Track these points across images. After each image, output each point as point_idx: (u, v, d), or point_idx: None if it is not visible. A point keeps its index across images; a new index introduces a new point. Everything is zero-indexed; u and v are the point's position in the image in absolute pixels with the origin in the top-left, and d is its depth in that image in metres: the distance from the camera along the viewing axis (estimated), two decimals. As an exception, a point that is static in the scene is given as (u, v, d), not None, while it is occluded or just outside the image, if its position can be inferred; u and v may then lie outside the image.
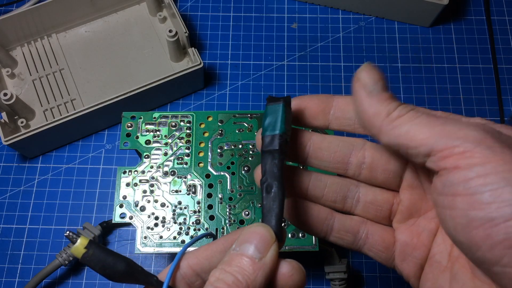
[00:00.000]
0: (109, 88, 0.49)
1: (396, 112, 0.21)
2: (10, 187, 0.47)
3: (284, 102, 0.24)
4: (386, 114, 0.21)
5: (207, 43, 0.53)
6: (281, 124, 0.23)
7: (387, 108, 0.21)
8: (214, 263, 0.23)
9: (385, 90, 0.21)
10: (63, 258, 0.41)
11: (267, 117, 0.24)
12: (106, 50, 0.52)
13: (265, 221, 0.22)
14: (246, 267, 0.19)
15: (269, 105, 0.24)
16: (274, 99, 0.24)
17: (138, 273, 0.22)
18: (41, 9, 0.49)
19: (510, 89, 0.51)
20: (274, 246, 0.21)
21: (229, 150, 0.39)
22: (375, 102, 0.21)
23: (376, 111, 0.21)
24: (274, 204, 0.22)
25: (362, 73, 0.22)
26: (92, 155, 0.48)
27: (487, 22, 0.54)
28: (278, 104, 0.23)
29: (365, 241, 0.26)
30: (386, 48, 0.53)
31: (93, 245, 0.20)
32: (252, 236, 0.20)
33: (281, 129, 0.23)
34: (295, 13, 0.54)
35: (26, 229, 0.45)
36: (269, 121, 0.23)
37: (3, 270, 0.44)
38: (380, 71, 0.22)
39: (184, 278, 0.23)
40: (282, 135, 0.23)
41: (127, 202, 0.37)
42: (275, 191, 0.22)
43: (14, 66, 0.50)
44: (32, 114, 0.48)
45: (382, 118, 0.21)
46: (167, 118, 0.39)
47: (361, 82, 0.22)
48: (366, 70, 0.22)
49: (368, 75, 0.22)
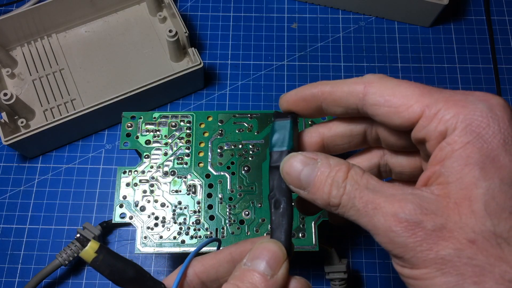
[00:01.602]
0: (109, 88, 0.49)
1: (333, 201, 0.21)
2: (10, 187, 0.47)
3: (292, 118, 0.24)
4: (328, 204, 0.21)
5: (207, 43, 0.53)
6: (289, 140, 0.24)
7: (326, 199, 0.21)
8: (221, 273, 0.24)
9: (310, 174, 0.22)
10: (63, 258, 0.41)
11: (275, 133, 0.24)
12: (106, 50, 0.52)
13: (274, 237, 0.22)
14: (258, 284, 0.20)
15: (277, 121, 0.24)
16: (281, 115, 0.25)
17: (146, 280, 0.22)
18: (41, 9, 0.49)
19: (510, 89, 0.51)
20: (286, 264, 0.21)
21: (229, 150, 0.39)
22: (315, 196, 0.22)
23: (322, 203, 0.22)
24: (283, 220, 0.23)
25: (286, 177, 0.23)
26: (92, 155, 0.48)
27: (487, 22, 0.54)
28: (286, 121, 0.24)
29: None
30: (386, 48, 0.53)
31: (103, 249, 0.20)
32: (264, 253, 0.21)
33: (289, 145, 0.23)
34: (295, 13, 0.54)
35: (26, 229, 0.45)
36: (277, 137, 0.24)
37: (3, 270, 0.44)
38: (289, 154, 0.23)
39: (190, 286, 0.23)
40: (290, 151, 0.23)
41: (127, 202, 0.37)
42: (284, 207, 0.23)
43: (14, 66, 0.50)
44: (32, 114, 0.48)
45: (330, 207, 0.21)
46: (167, 118, 0.39)
47: (291, 184, 0.23)
48: (285, 172, 0.23)
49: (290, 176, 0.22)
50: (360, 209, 0.20)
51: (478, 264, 0.18)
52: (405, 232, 0.19)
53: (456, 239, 0.18)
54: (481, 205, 0.18)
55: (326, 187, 0.21)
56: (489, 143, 0.19)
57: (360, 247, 0.44)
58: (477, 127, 0.19)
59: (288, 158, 0.23)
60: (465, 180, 0.19)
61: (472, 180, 0.19)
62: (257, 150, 0.39)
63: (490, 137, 0.19)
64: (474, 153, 0.19)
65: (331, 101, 0.24)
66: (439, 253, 0.18)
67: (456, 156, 0.19)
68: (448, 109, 0.20)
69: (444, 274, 0.18)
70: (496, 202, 0.18)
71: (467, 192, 0.19)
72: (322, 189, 0.21)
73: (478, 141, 0.19)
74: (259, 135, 0.39)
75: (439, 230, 0.18)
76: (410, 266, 0.19)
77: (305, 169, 0.22)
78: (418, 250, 0.19)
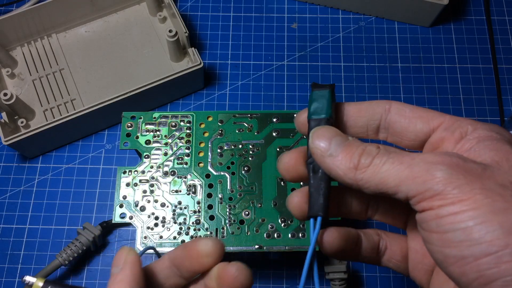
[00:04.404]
0: (109, 88, 0.49)
1: (362, 162, 0.21)
2: (10, 187, 0.47)
3: (330, 88, 0.24)
4: (354, 168, 0.21)
5: (207, 43, 0.53)
6: (328, 108, 0.24)
7: (353, 162, 0.21)
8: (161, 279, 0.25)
9: (341, 142, 0.22)
10: (63, 258, 0.41)
11: (314, 101, 0.24)
12: (106, 50, 0.52)
13: (312, 199, 0.23)
14: (113, 281, 0.23)
15: (315, 91, 0.25)
16: (320, 86, 0.25)
17: None
18: (41, 9, 0.49)
19: (510, 89, 0.51)
20: (130, 255, 0.23)
21: (229, 150, 0.39)
22: (339, 162, 0.21)
23: (344, 170, 0.21)
24: (322, 183, 0.23)
25: (314, 142, 0.22)
26: (92, 155, 0.48)
27: (487, 22, 0.54)
28: (325, 90, 0.24)
29: (384, 252, 0.27)
30: (386, 48, 0.53)
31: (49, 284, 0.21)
32: (114, 261, 0.23)
33: (327, 113, 0.24)
34: (295, 13, 0.54)
35: (26, 229, 0.45)
36: (317, 106, 0.24)
37: (3, 270, 0.44)
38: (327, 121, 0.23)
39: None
40: (329, 119, 0.24)
41: (127, 202, 0.37)
42: (322, 171, 0.23)
43: (14, 66, 0.50)
44: (32, 114, 0.48)
45: (353, 173, 0.21)
46: (167, 118, 0.39)
47: (318, 150, 0.22)
48: (316, 136, 0.23)
49: (319, 140, 0.22)
50: (395, 161, 0.20)
51: None
52: (449, 167, 0.19)
53: (499, 178, 0.19)
54: None
55: (357, 151, 0.21)
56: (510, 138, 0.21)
57: (360, 247, 0.44)
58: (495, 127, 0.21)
59: (323, 126, 0.23)
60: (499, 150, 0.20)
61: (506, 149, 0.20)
62: (257, 150, 0.39)
63: (508, 136, 0.21)
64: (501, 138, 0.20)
65: (357, 111, 0.24)
66: (484, 184, 0.18)
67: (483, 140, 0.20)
68: (467, 119, 0.22)
69: (490, 203, 0.18)
70: None
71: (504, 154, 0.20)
72: (352, 153, 0.21)
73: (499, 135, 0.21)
74: (259, 135, 0.39)
75: (482, 170, 0.19)
76: (451, 201, 0.18)
77: (338, 137, 0.22)
78: (463, 182, 0.18)
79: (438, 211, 0.19)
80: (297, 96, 0.50)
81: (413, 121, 0.23)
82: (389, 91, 0.50)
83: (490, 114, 0.49)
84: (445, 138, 0.22)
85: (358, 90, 0.51)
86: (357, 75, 0.51)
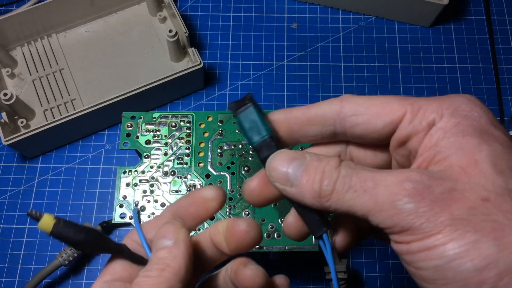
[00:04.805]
0: (109, 88, 0.49)
1: (324, 189, 0.20)
2: (10, 187, 0.47)
3: (250, 102, 0.23)
4: (318, 196, 0.20)
5: (207, 43, 0.53)
6: (264, 125, 0.22)
7: (315, 190, 0.20)
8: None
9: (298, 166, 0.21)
10: (63, 258, 0.41)
11: (245, 125, 0.22)
12: (106, 50, 0.52)
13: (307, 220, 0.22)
14: (163, 254, 0.21)
15: (240, 113, 0.22)
16: (238, 104, 0.23)
17: (109, 241, 0.22)
18: (41, 9, 0.49)
19: (510, 89, 0.51)
20: (183, 229, 0.22)
21: (229, 150, 0.39)
22: (302, 191, 0.20)
23: (310, 199, 0.20)
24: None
25: (272, 176, 0.21)
26: (92, 155, 0.48)
27: (487, 22, 0.54)
28: (248, 107, 0.22)
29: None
30: (386, 48, 0.53)
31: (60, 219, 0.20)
32: (163, 232, 0.22)
33: (267, 130, 0.22)
34: (295, 13, 0.54)
35: (26, 229, 0.45)
36: (251, 129, 0.22)
37: (3, 270, 0.44)
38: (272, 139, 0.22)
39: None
40: (272, 136, 0.22)
41: (127, 202, 0.37)
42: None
43: (14, 66, 0.50)
44: (32, 114, 0.48)
45: (319, 201, 0.20)
46: (167, 118, 0.39)
47: (278, 184, 0.21)
48: (271, 168, 0.21)
49: (275, 172, 0.21)
50: (358, 189, 0.19)
51: (495, 219, 0.17)
52: (414, 198, 0.18)
53: (468, 198, 0.17)
54: (488, 165, 0.18)
55: (317, 176, 0.20)
56: (478, 121, 0.19)
57: (360, 247, 0.44)
58: (462, 110, 0.19)
59: (275, 154, 0.22)
60: (466, 148, 0.18)
61: (473, 145, 0.18)
62: (257, 150, 0.39)
63: (477, 117, 0.19)
64: (468, 128, 0.19)
65: (305, 120, 0.23)
66: (453, 214, 0.17)
67: (450, 134, 0.19)
68: (430, 104, 0.20)
69: (460, 235, 0.17)
70: (503, 162, 0.18)
71: (471, 156, 0.18)
72: (313, 179, 0.20)
73: (467, 120, 0.19)
74: (259, 135, 0.39)
75: (449, 193, 0.18)
76: (420, 236, 0.18)
77: (294, 162, 0.21)
78: (430, 214, 0.17)
79: (409, 246, 0.18)
80: (297, 96, 0.50)
81: (372, 121, 0.21)
82: (389, 91, 0.50)
83: (490, 114, 0.49)
84: (411, 134, 0.20)
85: (358, 90, 0.51)
86: (357, 75, 0.51)
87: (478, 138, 0.19)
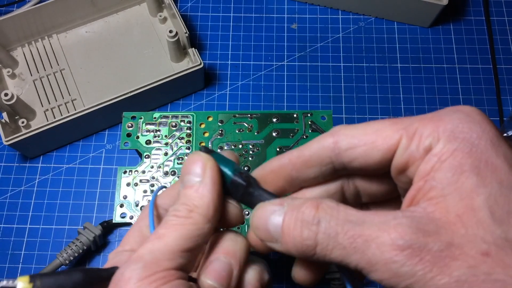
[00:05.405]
0: (110, 88, 0.50)
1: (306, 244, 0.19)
2: (11, 187, 0.47)
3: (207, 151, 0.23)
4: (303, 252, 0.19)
5: (207, 44, 0.53)
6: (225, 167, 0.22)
7: (299, 247, 0.19)
8: None
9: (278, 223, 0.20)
10: (64, 258, 0.41)
11: None
12: (107, 51, 0.52)
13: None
14: (190, 194, 0.21)
15: None
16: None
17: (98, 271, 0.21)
18: (42, 10, 0.49)
19: (510, 89, 0.51)
20: (210, 164, 0.22)
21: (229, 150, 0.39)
22: (287, 247, 0.20)
23: (297, 254, 0.19)
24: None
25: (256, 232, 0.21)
26: (93, 155, 0.48)
27: (486, 22, 0.54)
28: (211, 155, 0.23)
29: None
30: (386, 49, 0.53)
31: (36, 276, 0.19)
32: (189, 167, 0.22)
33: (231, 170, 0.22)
34: (295, 14, 0.55)
35: (27, 229, 0.45)
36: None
37: (3, 270, 0.44)
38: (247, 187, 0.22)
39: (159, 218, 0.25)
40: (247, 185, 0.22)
41: (127, 202, 0.37)
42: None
43: (15, 66, 0.51)
44: (33, 114, 0.48)
45: (306, 256, 0.19)
46: (168, 118, 0.40)
47: (265, 243, 0.21)
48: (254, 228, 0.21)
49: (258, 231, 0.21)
50: (347, 246, 0.18)
51: (497, 278, 0.16)
52: (410, 260, 0.17)
53: (468, 255, 0.16)
54: (486, 213, 0.17)
55: (296, 230, 0.19)
56: (478, 146, 0.18)
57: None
58: (460, 132, 0.18)
59: (255, 212, 0.21)
60: (463, 190, 0.17)
61: (471, 187, 0.17)
62: (257, 150, 0.39)
63: (476, 139, 0.18)
64: (465, 159, 0.18)
65: (302, 164, 0.22)
66: (452, 275, 0.16)
67: (447, 166, 0.18)
68: (426, 126, 0.19)
69: None
70: (501, 207, 0.17)
71: (468, 201, 0.17)
72: (293, 234, 0.19)
73: (465, 146, 0.18)
74: (259, 135, 0.39)
75: (447, 249, 0.17)
76: None
77: (272, 217, 0.20)
78: (429, 277, 0.16)
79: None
80: (297, 96, 0.50)
81: (368, 153, 0.20)
82: (388, 91, 0.51)
83: (489, 114, 0.50)
84: (409, 162, 0.19)
85: (358, 90, 0.51)
86: (356, 76, 0.51)
87: (475, 177, 0.17)
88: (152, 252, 0.20)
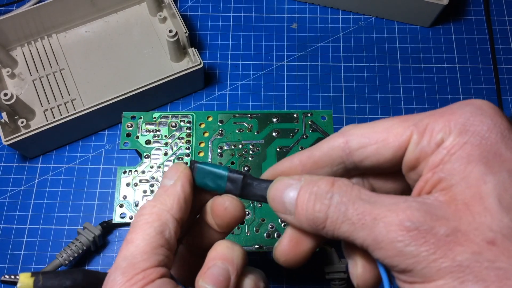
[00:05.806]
0: (109, 88, 0.49)
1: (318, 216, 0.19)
2: (10, 187, 0.47)
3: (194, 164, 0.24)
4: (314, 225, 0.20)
5: (207, 43, 0.53)
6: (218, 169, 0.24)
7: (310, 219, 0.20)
8: None
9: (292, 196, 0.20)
10: (63, 258, 0.41)
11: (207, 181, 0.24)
12: (106, 50, 0.52)
13: None
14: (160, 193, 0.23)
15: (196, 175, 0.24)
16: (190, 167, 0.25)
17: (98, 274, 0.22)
18: (41, 9, 0.49)
19: (510, 89, 0.51)
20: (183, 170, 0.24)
21: (229, 150, 0.39)
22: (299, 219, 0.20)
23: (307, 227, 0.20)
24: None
25: (271, 204, 0.22)
26: (92, 155, 0.48)
27: (487, 22, 0.54)
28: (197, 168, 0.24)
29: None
30: (386, 48, 0.53)
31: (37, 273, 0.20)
32: (167, 173, 0.24)
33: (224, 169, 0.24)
34: (295, 13, 0.54)
35: (26, 229, 0.45)
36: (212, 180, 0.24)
37: (3, 270, 0.44)
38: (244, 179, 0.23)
39: None
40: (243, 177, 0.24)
41: (127, 202, 0.37)
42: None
43: (14, 66, 0.50)
44: (33, 114, 0.48)
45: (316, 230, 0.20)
46: (167, 118, 0.39)
47: (279, 214, 0.21)
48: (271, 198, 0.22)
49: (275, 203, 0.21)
50: (356, 222, 0.18)
51: (500, 266, 0.16)
52: (415, 241, 0.17)
53: (473, 241, 0.16)
54: (494, 200, 0.17)
55: (309, 202, 0.20)
56: (488, 139, 0.18)
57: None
58: (471, 126, 0.18)
59: (273, 183, 0.22)
60: (471, 178, 0.17)
61: (478, 176, 0.17)
62: (257, 150, 0.39)
63: (486, 132, 0.18)
64: (474, 151, 0.18)
65: (312, 165, 0.22)
66: (455, 260, 0.16)
67: (455, 158, 0.18)
68: (437, 120, 0.19)
69: (463, 283, 0.16)
70: (510, 195, 0.17)
71: (476, 189, 0.17)
72: (306, 206, 0.20)
73: (475, 139, 0.18)
74: (259, 135, 0.39)
75: (453, 235, 0.17)
76: (421, 280, 0.17)
77: (288, 190, 0.21)
78: (431, 259, 0.17)
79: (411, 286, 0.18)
80: (297, 96, 0.50)
81: (380, 151, 0.20)
82: (389, 91, 0.51)
83: (489, 114, 0.49)
84: (420, 157, 0.19)
85: (358, 90, 0.51)
86: (357, 75, 0.51)
87: (483, 166, 0.17)
88: (126, 258, 0.21)
